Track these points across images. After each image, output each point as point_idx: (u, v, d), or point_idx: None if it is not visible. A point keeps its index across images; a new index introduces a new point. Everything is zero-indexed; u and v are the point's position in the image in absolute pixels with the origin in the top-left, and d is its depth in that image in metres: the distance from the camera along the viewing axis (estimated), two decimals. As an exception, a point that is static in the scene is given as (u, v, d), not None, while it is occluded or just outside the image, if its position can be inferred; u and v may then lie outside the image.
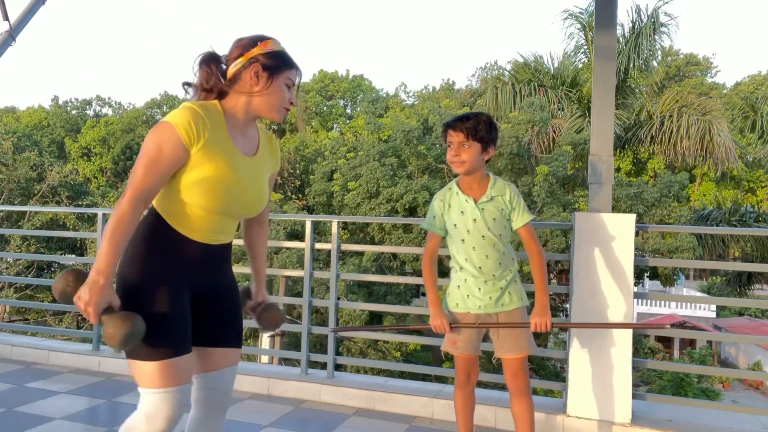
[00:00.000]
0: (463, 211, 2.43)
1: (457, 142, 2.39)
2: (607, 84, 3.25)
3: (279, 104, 1.82)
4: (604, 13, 3.28)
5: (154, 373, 1.66)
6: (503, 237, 2.44)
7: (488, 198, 2.42)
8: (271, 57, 1.80)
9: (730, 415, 3.29)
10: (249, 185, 1.81)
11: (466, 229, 2.43)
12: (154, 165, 1.65)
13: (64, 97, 69.74)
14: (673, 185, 14.07)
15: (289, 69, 1.84)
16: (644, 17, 15.48)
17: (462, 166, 2.39)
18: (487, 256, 2.42)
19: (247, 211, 1.86)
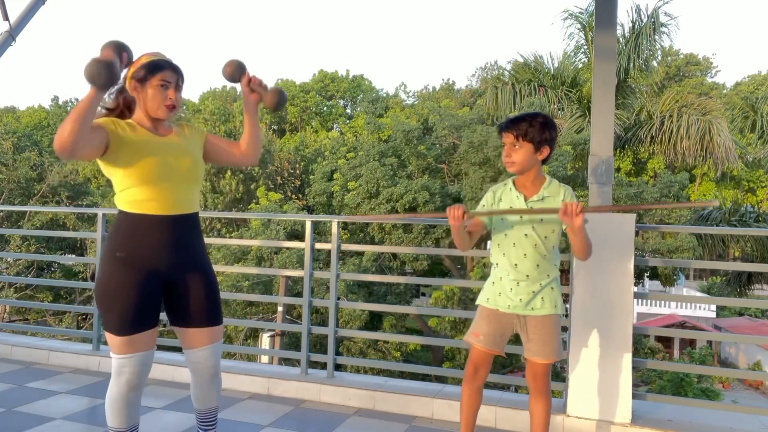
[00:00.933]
0: (512, 206, 2.42)
1: (508, 144, 2.40)
2: (607, 84, 3.25)
3: (157, 104, 2.16)
4: (604, 13, 3.28)
5: (118, 344, 2.12)
6: (548, 240, 2.40)
7: (540, 198, 2.40)
8: (140, 69, 2.16)
9: (730, 415, 3.29)
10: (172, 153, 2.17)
11: (511, 225, 2.42)
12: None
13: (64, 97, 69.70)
14: (673, 185, 14.09)
15: (159, 71, 2.15)
16: (644, 17, 15.48)
17: (513, 167, 2.41)
18: (525, 255, 2.39)
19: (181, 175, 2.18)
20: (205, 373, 2.30)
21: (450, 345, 12.02)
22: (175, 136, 2.25)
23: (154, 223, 2.13)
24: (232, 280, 13.66)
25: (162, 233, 2.14)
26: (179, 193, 2.17)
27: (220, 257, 14.98)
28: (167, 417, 3.35)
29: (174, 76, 2.19)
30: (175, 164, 2.16)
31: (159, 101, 2.15)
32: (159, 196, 2.12)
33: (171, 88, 2.17)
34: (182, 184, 2.18)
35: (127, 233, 2.13)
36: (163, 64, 2.17)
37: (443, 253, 6.84)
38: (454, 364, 13.53)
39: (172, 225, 2.16)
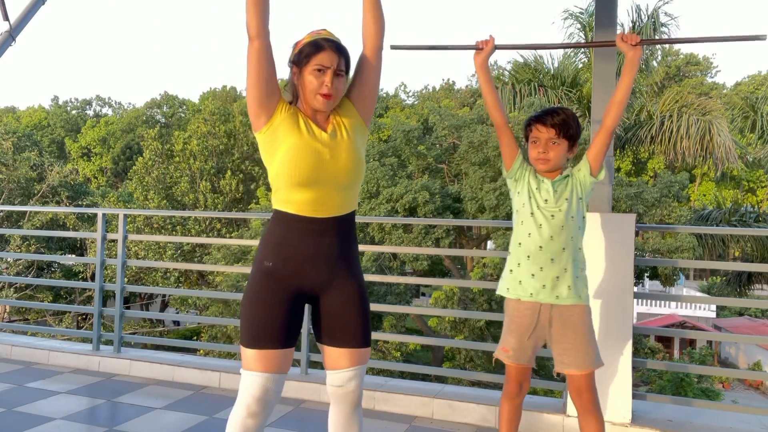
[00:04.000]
0: (538, 188, 2.30)
1: (546, 139, 2.25)
2: (607, 84, 3.25)
3: (311, 93, 1.93)
4: (604, 13, 3.28)
5: (247, 358, 1.93)
6: (575, 219, 2.27)
7: (563, 176, 2.29)
8: (299, 52, 1.96)
9: (730, 415, 3.28)
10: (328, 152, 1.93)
11: (536, 205, 2.28)
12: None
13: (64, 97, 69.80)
14: (673, 185, 14.08)
15: (315, 54, 1.92)
16: (644, 17, 15.48)
17: (547, 164, 2.27)
18: (552, 237, 2.25)
19: (337, 178, 1.94)
20: (348, 399, 2.04)
21: (450, 345, 12.00)
22: (334, 127, 2.00)
23: (307, 226, 1.94)
24: (232, 280, 13.66)
25: (315, 240, 1.95)
26: (334, 196, 1.96)
27: (220, 257, 14.98)
28: (167, 417, 3.35)
29: (333, 59, 1.92)
30: (330, 166, 1.93)
31: (314, 89, 1.92)
32: (312, 198, 1.92)
33: (328, 73, 1.91)
34: (337, 187, 1.95)
35: (278, 239, 1.96)
36: (322, 45, 1.93)
37: (443, 253, 6.88)
38: (454, 364, 13.52)
39: (326, 229, 1.96)
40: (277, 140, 1.93)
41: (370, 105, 2.09)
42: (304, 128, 1.94)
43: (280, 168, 1.91)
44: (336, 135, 1.97)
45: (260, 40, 1.89)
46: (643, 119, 15.73)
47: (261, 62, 1.90)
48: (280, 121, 1.93)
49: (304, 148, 1.90)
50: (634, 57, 2.23)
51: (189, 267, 6.42)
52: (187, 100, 44.84)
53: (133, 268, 17.58)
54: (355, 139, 2.00)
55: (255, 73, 1.90)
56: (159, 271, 17.62)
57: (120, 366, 4.18)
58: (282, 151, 1.91)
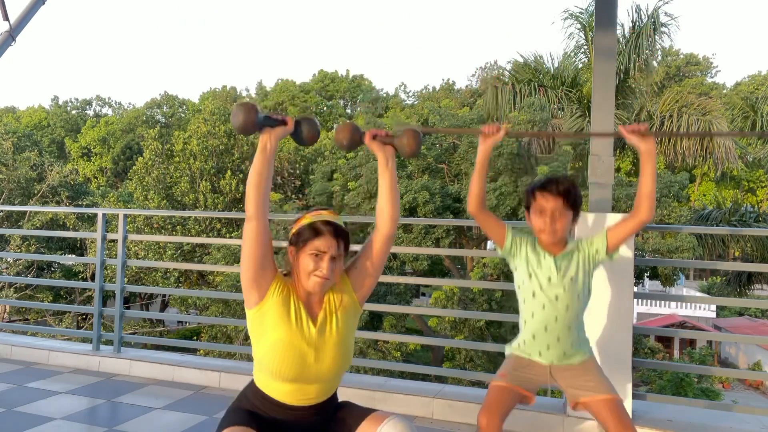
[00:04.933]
0: (539, 264, 2.21)
1: (552, 209, 2.14)
2: (607, 84, 3.25)
3: (306, 274, 1.90)
4: (604, 13, 3.28)
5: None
6: (581, 299, 2.20)
7: (568, 252, 2.20)
8: (297, 233, 1.95)
9: (730, 415, 3.28)
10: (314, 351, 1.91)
11: (538, 285, 2.20)
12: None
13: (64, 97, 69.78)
14: (673, 185, 14.09)
15: (312, 240, 1.90)
16: (644, 17, 15.48)
17: (554, 236, 2.16)
18: (556, 319, 2.17)
19: (320, 376, 1.92)
20: None
21: (450, 345, 12.01)
22: (326, 314, 1.97)
23: (287, 411, 1.94)
24: (232, 280, 13.66)
25: (295, 420, 1.95)
26: (316, 389, 1.95)
27: (220, 257, 14.98)
28: (167, 417, 3.35)
29: (331, 244, 1.90)
30: (314, 367, 1.91)
31: (309, 271, 1.89)
32: (293, 390, 1.92)
33: (325, 258, 1.89)
34: (320, 382, 1.94)
35: (257, 410, 1.96)
36: (320, 230, 1.91)
37: (443, 253, 6.88)
38: (454, 364, 13.52)
39: (306, 414, 1.96)
40: (265, 324, 1.92)
41: (369, 287, 2.08)
42: (293, 319, 1.91)
43: (264, 359, 1.92)
44: (325, 330, 1.94)
45: (257, 221, 1.89)
46: (643, 119, 15.73)
47: (257, 243, 1.89)
48: (271, 305, 1.92)
49: (289, 348, 1.88)
50: (647, 149, 2.12)
51: (189, 267, 6.43)
52: (187, 100, 44.83)
53: (133, 268, 17.58)
54: (345, 328, 1.98)
55: (250, 251, 1.89)
56: (159, 271, 17.62)
57: (120, 366, 4.18)
58: (269, 342, 1.90)
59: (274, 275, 1.94)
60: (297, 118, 2.01)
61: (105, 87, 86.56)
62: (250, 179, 1.89)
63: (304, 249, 1.91)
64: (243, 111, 1.87)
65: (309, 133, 2.03)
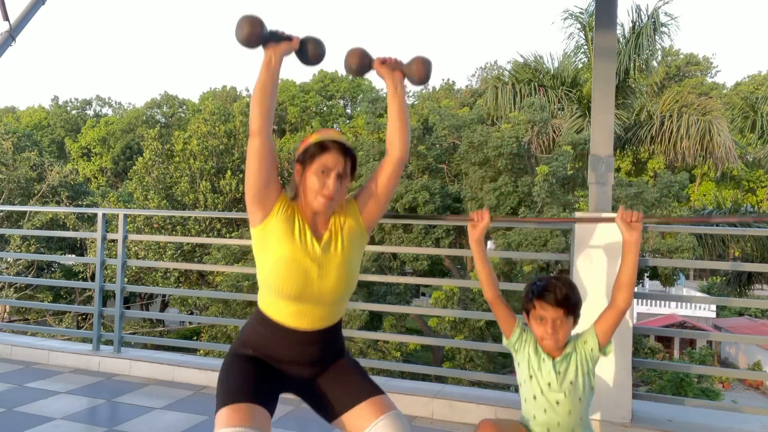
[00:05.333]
0: (539, 367, 2.16)
1: (553, 319, 2.10)
2: (607, 84, 3.25)
3: (313, 193, 1.88)
4: (604, 13, 3.28)
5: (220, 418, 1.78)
6: (583, 401, 2.14)
7: (564, 355, 2.14)
8: (305, 150, 1.92)
9: (730, 415, 3.29)
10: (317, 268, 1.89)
11: (539, 389, 2.15)
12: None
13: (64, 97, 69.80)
14: (673, 185, 14.07)
15: (319, 155, 1.88)
16: (644, 17, 15.47)
17: (556, 344, 2.12)
18: (558, 424, 2.13)
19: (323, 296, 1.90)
20: None
21: (450, 345, 12.01)
22: (331, 234, 1.95)
23: (290, 336, 1.92)
24: (232, 280, 13.66)
25: (298, 348, 1.93)
26: (319, 311, 1.92)
27: (220, 257, 14.98)
28: (167, 417, 3.35)
29: (338, 161, 1.88)
30: (317, 285, 1.88)
31: (316, 190, 1.87)
32: (296, 311, 1.89)
33: (331, 175, 1.87)
34: (323, 303, 1.91)
35: (261, 339, 1.94)
36: (327, 146, 1.89)
37: (443, 253, 6.87)
38: (454, 364, 13.53)
39: (309, 340, 1.93)
40: (269, 242, 1.89)
41: (377, 213, 2.04)
42: (297, 237, 1.89)
43: (267, 277, 1.89)
44: (329, 248, 1.91)
45: (261, 137, 1.86)
46: (643, 119, 15.73)
47: (261, 159, 1.87)
48: (276, 223, 1.90)
49: (292, 264, 1.85)
50: (631, 239, 2.12)
51: (189, 267, 6.44)
52: (187, 100, 44.82)
53: (133, 268, 17.58)
54: (350, 250, 1.94)
55: (254, 169, 1.87)
56: (159, 271, 17.62)
57: (120, 366, 4.18)
58: (272, 259, 1.88)
59: (278, 194, 1.92)
60: (303, 38, 1.94)
61: (105, 87, 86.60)
62: (254, 95, 1.85)
63: (311, 166, 1.88)
64: (248, 23, 1.80)
65: (314, 51, 1.97)
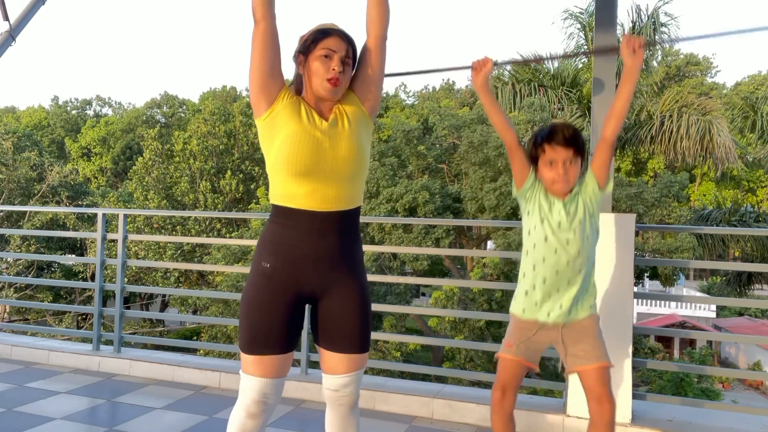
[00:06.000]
0: (550, 210, 2.18)
1: (564, 159, 2.11)
2: (607, 84, 3.25)
3: (318, 79, 1.89)
4: (604, 13, 3.28)
5: (246, 363, 1.93)
6: (590, 239, 2.18)
7: (574, 194, 2.17)
8: (304, 41, 1.94)
9: (730, 415, 3.28)
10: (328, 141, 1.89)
11: (550, 230, 2.17)
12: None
13: (64, 97, 69.81)
14: (673, 185, 14.08)
15: (321, 40, 1.90)
16: (644, 17, 15.47)
17: (568, 185, 2.13)
18: (567, 263, 2.16)
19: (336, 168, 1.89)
20: (344, 402, 2.02)
21: (450, 345, 12.01)
22: (336, 116, 1.94)
23: (307, 224, 1.89)
24: (232, 280, 13.66)
25: (315, 239, 1.90)
26: (334, 188, 1.89)
27: (220, 257, 14.98)
28: (167, 417, 3.35)
29: (341, 45, 1.89)
30: (330, 155, 1.87)
31: (321, 75, 1.87)
32: (311, 190, 1.87)
33: (335, 58, 1.87)
34: (338, 178, 1.89)
35: (276, 238, 1.91)
36: (329, 31, 1.91)
37: (443, 253, 6.88)
38: (454, 364, 13.53)
39: (326, 226, 1.90)
40: (276, 127, 1.89)
41: (375, 95, 2.04)
42: (304, 116, 1.90)
43: (277, 156, 1.87)
44: (337, 124, 1.92)
45: (265, 22, 1.88)
46: (643, 119, 15.72)
47: (266, 45, 1.88)
48: (281, 108, 1.90)
49: (302, 136, 1.86)
50: (634, 65, 2.11)
51: (189, 267, 6.43)
52: (187, 100, 44.84)
53: (133, 268, 17.58)
54: (357, 129, 1.95)
55: (259, 56, 1.88)
56: (159, 271, 17.62)
57: (120, 366, 4.18)
58: (280, 138, 1.87)
59: (282, 84, 1.93)
60: None
61: (105, 87, 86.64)
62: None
63: (314, 52, 1.89)
64: None
65: None
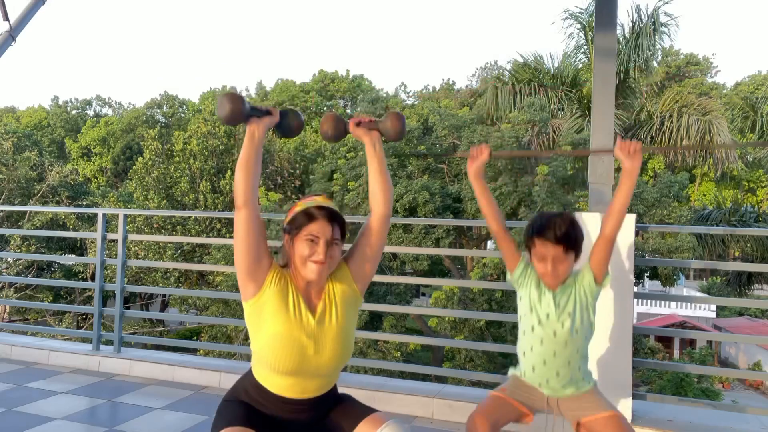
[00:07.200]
0: (539, 300, 2.18)
1: (553, 255, 2.09)
2: (607, 84, 3.25)
3: (302, 260, 1.87)
4: (604, 13, 3.28)
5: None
6: (580, 333, 2.16)
7: (566, 287, 2.17)
8: (291, 220, 1.92)
9: (730, 415, 3.29)
10: (313, 344, 1.88)
11: (537, 320, 2.17)
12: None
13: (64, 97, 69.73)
14: (673, 185, 14.09)
15: (306, 225, 1.88)
16: (644, 17, 15.47)
17: (557, 280, 2.13)
18: (555, 353, 2.14)
19: (318, 370, 1.89)
20: None
21: (450, 345, 12.01)
22: (325, 305, 1.93)
23: (285, 405, 1.92)
24: (232, 280, 13.66)
25: (293, 414, 1.93)
26: (315, 382, 1.92)
27: (220, 257, 14.98)
28: (167, 417, 3.35)
29: (326, 229, 1.87)
30: (313, 360, 1.87)
31: (305, 257, 1.86)
32: (291, 384, 1.89)
33: (320, 243, 1.86)
34: (319, 376, 1.92)
35: (255, 403, 1.94)
36: (314, 214, 1.88)
37: (443, 253, 6.89)
38: (454, 364, 13.52)
39: (304, 408, 1.93)
40: (263, 316, 1.88)
41: (369, 273, 2.03)
42: (292, 310, 1.88)
43: (262, 352, 1.88)
44: (324, 320, 1.90)
45: (248, 209, 1.86)
46: (643, 119, 15.73)
47: (249, 231, 1.86)
48: (269, 296, 1.88)
49: (288, 340, 1.85)
50: (633, 167, 2.10)
51: (189, 267, 6.44)
52: (187, 100, 44.81)
53: (133, 268, 17.57)
54: (344, 318, 1.94)
55: (243, 241, 1.86)
56: (159, 271, 17.61)
57: (120, 366, 4.18)
58: (267, 334, 1.87)
59: (270, 265, 1.90)
60: (281, 110, 2.01)
61: (105, 87, 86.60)
62: (239, 169, 1.85)
63: (299, 235, 1.88)
64: (229, 101, 1.83)
65: (295, 122, 2.06)
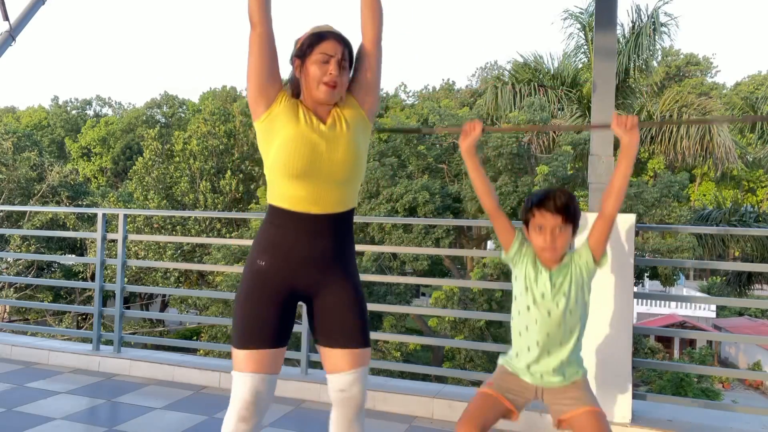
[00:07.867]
0: (535, 278, 2.15)
1: (552, 226, 2.06)
2: (607, 84, 3.25)
3: (315, 82, 1.89)
4: (604, 13, 3.28)
5: (238, 359, 1.90)
6: (575, 313, 2.13)
7: (563, 266, 2.13)
8: (300, 45, 1.94)
9: (730, 415, 3.28)
10: (326, 144, 1.89)
11: (532, 299, 2.14)
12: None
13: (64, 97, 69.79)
14: (673, 185, 14.08)
15: (317, 44, 1.90)
16: (644, 17, 15.46)
17: (555, 253, 2.10)
18: (548, 334, 2.11)
19: (333, 172, 1.90)
20: (351, 403, 1.99)
21: (450, 345, 12.01)
22: (334, 119, 1.94)
23: (301, 225, 1.90)
24: (232, 280, 13.66)
25: (309, 241, 1.90)
26: (330, 191, 1.90)
27: (220, 257, 14.98)
28: (167, 417, 3.35)
29: (337, 48, 1.89)
30: (326, 159, 1.87)
31: (318, 78, 1.87)
32: (307, 193, 1.88)
33: (332, 62, 1.88)
34: (333, 182, 1.90)
35: (271, 238, 1.92)
36: (325, 35, 1.91)
37: (443, 253, 6.89)
38: (454, 364, 13.52)
39: (321, 228, 1.91)
40: (274, 130, 1.90)
41: (373, 97, 2.04)
42: (302, 118, 1.90)
43: (275, 159, 1.88)
44: (335, 127, 1.92)
45: (262, 26, 1.90)
46: (643, 119, 15.72)
47: (263, 49, 1.89)
48: (279, 111, 1.91)
49: (300, 140, 1.86)
50: (631, 143, 2.09)
51: (189, 267, 6.44)
52: (187, 100, 44.81)
53: (133, 268, 17.57)
54: (355, 132, 1.94)
55: (256, 59, 1.89)
56: (159, 271, 17.61)
57: (120, 366, 4.18)
58: (278, 141, 1.87)
59: (280, 87, 1.95)
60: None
61: (105, 87, 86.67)
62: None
63: (311, 56, 1.89)
64: None
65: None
